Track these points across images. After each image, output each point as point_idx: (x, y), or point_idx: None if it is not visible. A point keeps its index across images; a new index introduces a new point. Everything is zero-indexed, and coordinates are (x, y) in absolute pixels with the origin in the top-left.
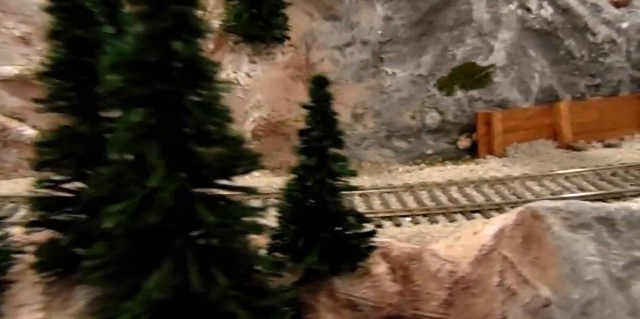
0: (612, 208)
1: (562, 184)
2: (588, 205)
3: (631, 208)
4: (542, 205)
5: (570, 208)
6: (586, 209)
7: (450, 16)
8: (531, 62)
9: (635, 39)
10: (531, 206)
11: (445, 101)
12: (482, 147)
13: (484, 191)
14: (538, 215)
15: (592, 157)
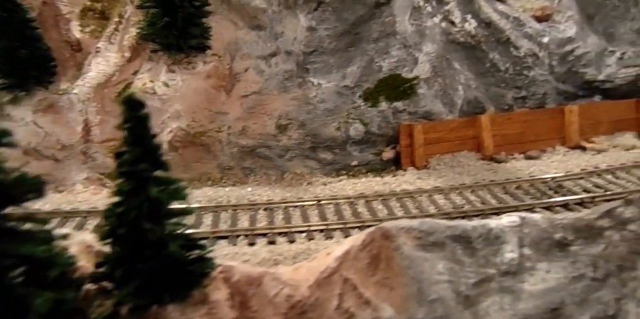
0: (469, 226)
1: (467, 198)
2: (443, 224)
3: (489, 226)
4: (395, 224)
5: (423, 227)
6: (440, 228)
7: (376, 28)
8: (456, 75)
9: (557, 53)
10: (383, 225)
11: (370, 113)
12: (404, 159)
13: (390, 204)
14: (389, 235)
15: (508, 169)
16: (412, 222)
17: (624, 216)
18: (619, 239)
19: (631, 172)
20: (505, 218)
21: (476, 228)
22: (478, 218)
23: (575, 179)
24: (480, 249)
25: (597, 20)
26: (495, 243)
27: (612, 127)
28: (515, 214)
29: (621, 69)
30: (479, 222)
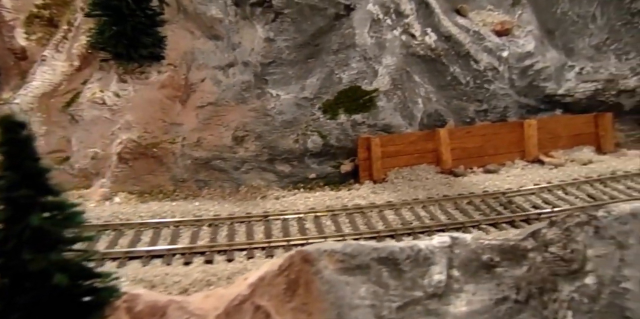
0: (397, 248)
1: (417, 213)
2: (369, 246)
3: (418, 247)
4: (317, 247)
5: (347, 250)
6: (365, 250)
7: (335, 40)
8: (416, 88)
9: (517, 67)
10: (303, 249)
11: (329, 125)
12: (363, 172)
13: (339, 220)
14: (309, 258)
15: (464, 183)
16: (335, 245)
17: (546, 237)
18: (541, 261)
19: (581, 188)
20: (436, 238)
21: (404, 250)
22: (424, 235)
23: (526, 195)
24: (407, 271)
25: (557, 35)
26: (424, 264)
27: (571, 141)
28: (447, 235)
29: (580, 84)
30: (408, 243)
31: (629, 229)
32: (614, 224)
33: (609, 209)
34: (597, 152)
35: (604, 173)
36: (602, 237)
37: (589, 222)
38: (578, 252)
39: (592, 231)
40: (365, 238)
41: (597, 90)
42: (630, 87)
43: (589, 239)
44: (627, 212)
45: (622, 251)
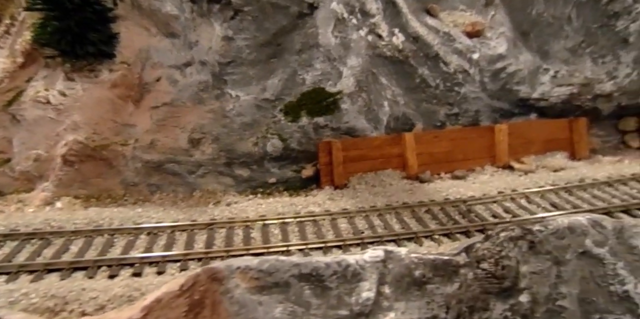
0: (322, 263)
1: (371, 222)
2: (289, 262)
3: (347, 262)
4: (229, 264)
5: (263, 266)
6: (284, 267)
7: (299, 39)
8: (382, 90)
9: (488, 70)
10: (213, 266)
11: (290, 128)
12: (324, 177)
13: (287, 229)
14: (218, 277)
15: (427, 190)
16: (249, 261)
17: (479, 252)
18: (473, 278)
19: (545, 197)
20: (369, 252)
21: (330, 265)
22: (374, 246)
23: (487, 203)
24: (333, 288)
25: (532, 37)
26: (353, 280)
27: (544, 146)
28: (381, 248)
29: (555, 88)
30: (336, 258)
31: (566, 244)
32: (550, 239)
33: (546, 223)
34: (571, 159)
35: (572, 181)
36: (537, 253)
37: (524, 236)
38: (510, 268)
39: (526, 246)
40: (310, 248)
41: (573, 94)
42: (607, 91)
43: (523, 254)
44: (564, 226)
45: (559, 267)
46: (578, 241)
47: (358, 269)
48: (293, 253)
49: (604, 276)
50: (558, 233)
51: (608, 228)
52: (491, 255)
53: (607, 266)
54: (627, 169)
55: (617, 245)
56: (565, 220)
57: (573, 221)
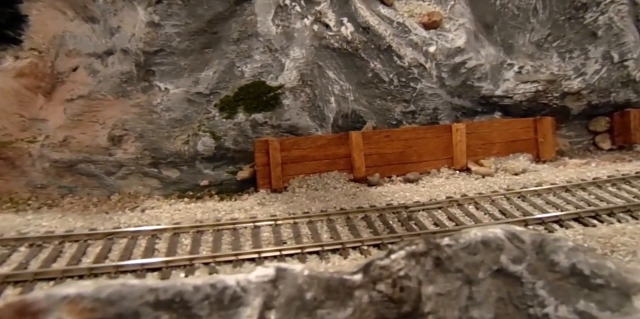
0: (189, 287)
1: (298, 230)
2: (141, 287)
3: (224, 283)
4: (51, 293)
5: (102, 294)
6: (134, 293)
7: (236, 27)
8: (329, 85)
9: (446, 64)
10: (27, 297)
11: (225, 125)
12: (261, 179)
13: (201, 239)
14: (32, 311)
15: (371, 195)
16: (83, 288)
17: (376, 271)
18: (368, 301)
19: (495, 203)
20: (258, 270)
21: (201, 288)
22: (292, 258)
23: (432, 209)
24: (203, 316)
25: (496, 30)
26: (231, 306)
27: (507, 148)
28: (273, 266)
29: (520, 84)
30: (211, 278)
31: (479, 261)
32: (460, 255)
33: (457, 236)
34: (535, 161)
35: (529, 185)
36: (445, 271)
37: (428, 252)
38: (410, 290)
39: (431, 264)
40: (219, 262)
41: (538, 91)
42: (574, 89)
43: (427, 273)
44: (478, 239)
45: (471, 287)
46: (493, 257)
47: (239, 292)
48: (197, 267)
49: (522, 297)
50: (470, 248)
51: (527, 242)
52: (389, 274)
53: (526, 286)
54: (590, 173)
55: (537, 261)
56: (479, 233)
57: (488, 234)
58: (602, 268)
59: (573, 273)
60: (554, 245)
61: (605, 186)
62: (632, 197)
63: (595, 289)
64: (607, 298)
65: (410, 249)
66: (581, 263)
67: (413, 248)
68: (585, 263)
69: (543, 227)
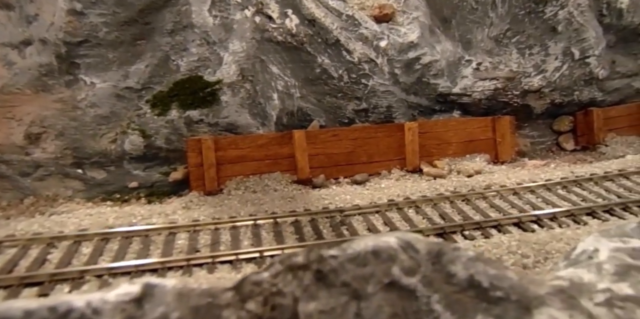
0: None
1: (217, 237)
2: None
3: (69, 305)
4: None
5: None
6: None
7: (170, 18)
8: (272, 80)
9: (399, 60)
10: None
11: (157, 122)
12: (194, 181)
13: (105, 247)
14: None
15: (312, 197)
16: None
17: (247, 288)
18: None
19: (438, 207)
20: (120, 288)
21: (34, 313)
22: (203, 268)
23: (369, 213)
24: None
25: (454, 24)
26: None
27: (463, 148)
28: (143, 281)
29: (478, 82)
30: (50, 301)
31: (368, 273)
32: (348, 267)
33: (345, 246)
34: (493, 162)
35: (477, 188)
36: (330, 285)
37: (308, 265)
38: (284, 309)
39: (312, 278)
40: (115, 274)
41: (497, 89)
42: (535, 87)
43: (306, 288)
44: (368, 250)
45: (359, 302)
46: (384, 269)
47: (88, 315)
48: (87, 281)
49: (418, 312)
50: (359, 259)
51: (422, 252)
52: (260, 291)
53: (420, 300)
54: (544, 175)
55: (433, 273)
56: (371, 242)
57: (380, 244)
58: (502, 280)
59: (471, 285)
60: (452, 255)
61: (555, 189)
62: (579, 200)
63: (495, 302)
64: (506, 312)
65: (288, 262)
66: (480, 274)
67: (291, 260)
68: (484, 274)
69: (480, 232)
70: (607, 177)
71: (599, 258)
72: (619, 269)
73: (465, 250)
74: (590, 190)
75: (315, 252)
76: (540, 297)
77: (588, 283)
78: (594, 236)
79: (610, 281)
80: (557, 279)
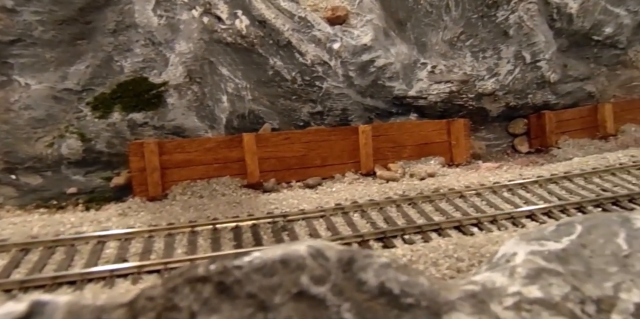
0: None
1: (150, 247)
2: None
3: None
4: None
5: None
6: None
7: (112, 17)
8: (221, 82)
9: (353, 63)
10: None
11: (97, 125)
12: (137, 186)
13: (26, 258)
14: None
15: (259, 202)
16: None
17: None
18: None
19: (384, 210)
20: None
21: None
22: (127, 279)
23: (313, 218)
24: None
25: (409, 27)
26: None
27: (419, 151)
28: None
29: (433, 85)
30: None
31: (276, 283)
32: (254, 277)
33: (251, 256)
34: (448, 165)
35: (426, 191)
36: (233, 297)
37: (209, 277)
38: None
39: (212, 290)
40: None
41: (452, 92)
42: (489, 90)
43: (206, 302)
44: (276, 259)
45: (266, 314)
46: (293, 278)
47: None
48: None
49: None
50: (266, 269)
51: (332, 260)
52: (154, 306)
53: (331, 309)
54: (493, 178)
55: (343, 281)
56: (279, 251)
57: (289, 253)
58: (413, 286)
59: (382, 292)
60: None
61: (501, 192)
62: (522, 203)
63: (406, 309)
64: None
65: (187, 274)
66: (391, 280)
67: (190, 272)
68: (395, 281)
69: (420, 236)
70: (552, 179)
71: (515, 261)
72: (531, 273)
73: (378, 257)
74: (534, 192)
75: (218, 263)
76: (451, 302)
77: (500, 286)
78: (514, 239)
79: (520, 285)
80: (470, 283)
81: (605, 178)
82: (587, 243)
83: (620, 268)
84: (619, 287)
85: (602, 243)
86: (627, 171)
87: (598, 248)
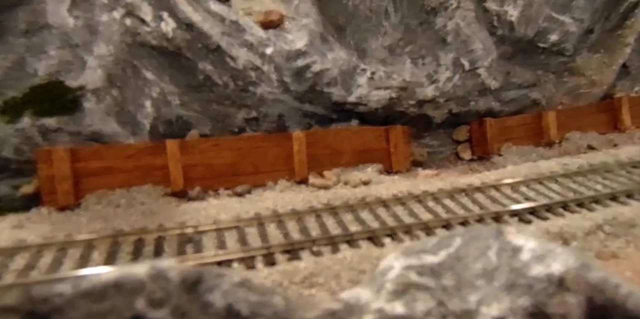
0: None
1: (35, 262)
2: None
3: None
4: None
5: None
6: None
7: (24, 17)
8: (145, 87)
9: (288, 68)
10: None
11: (4, 131)
12: (46, 195)
13: None
14: None
15: (177, 212)
16: None
17: None
18: None
19: (302, 220)
20: None
21: None
22: None
23: (226, 229)
24: None
25: (349, 32)
26: None
27: (357, 158)
28: None
29: (373, 91)
30: None
31: (107, 309)
32: (79, 304)
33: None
34: (387, 172)
35: (352, 200)
36: None
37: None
38: None
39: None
40: None
41: (392, 99)
42: (429, 97)
43: None
44: (109, 283)
45: None
46: (127, 303)
47: None
48: None
49: None
50: (95, 294)
51: (174, 281)
52: None
53: None
54: (425, 186)
55: (187, 303)
56: (114, 274)
57: (125, 274)
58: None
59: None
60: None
61: (426, 201)
62: (443, 212)
63: None
64: None
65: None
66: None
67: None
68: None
69: (330, 247)
70: (480, 188)
71: (387, 276)
72: (399, 288)
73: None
74: (458, 201)
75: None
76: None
77: (364, 303)
78: (395, 253)
79: (385, 301)
80: (334, 301)
81: (532, 187)
82: (463, 256)
83: (486, 281)
84: (482, 301)
85: (475, 256)
86: (555, 180)
87: (471, 261)
